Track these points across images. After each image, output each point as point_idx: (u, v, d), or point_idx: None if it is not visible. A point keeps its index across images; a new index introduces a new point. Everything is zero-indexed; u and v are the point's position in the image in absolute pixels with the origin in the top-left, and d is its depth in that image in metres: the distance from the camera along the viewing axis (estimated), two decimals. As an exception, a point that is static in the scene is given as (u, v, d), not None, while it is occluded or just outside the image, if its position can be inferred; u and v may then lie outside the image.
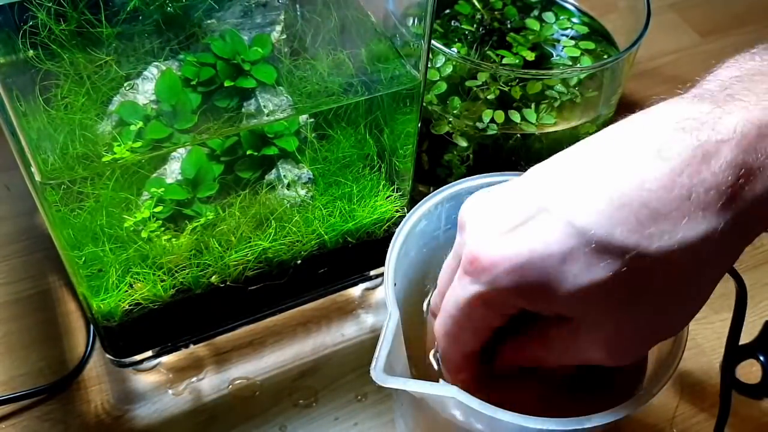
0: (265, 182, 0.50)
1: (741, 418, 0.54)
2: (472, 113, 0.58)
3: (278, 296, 0.55)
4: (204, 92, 0.48)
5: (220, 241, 0.49)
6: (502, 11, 0.66)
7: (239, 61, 0.48)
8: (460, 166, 0.60)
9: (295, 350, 0.57)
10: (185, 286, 0.50)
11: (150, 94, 0.47)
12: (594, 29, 0.67)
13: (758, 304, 0.61)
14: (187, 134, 0.47)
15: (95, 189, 0.44)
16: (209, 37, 0.48)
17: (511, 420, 0.34)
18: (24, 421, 0.52)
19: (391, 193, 0.55)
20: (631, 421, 0.54)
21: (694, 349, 0.58)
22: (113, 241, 0.46)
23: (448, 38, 0.64)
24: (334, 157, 0.52)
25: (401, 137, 0.53)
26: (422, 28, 0.46)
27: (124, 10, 0.44)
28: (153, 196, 0.47)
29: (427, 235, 0.46)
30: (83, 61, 0.45)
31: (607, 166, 0.31)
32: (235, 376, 0.55)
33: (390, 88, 0.51)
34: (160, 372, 0.55)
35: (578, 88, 0.60)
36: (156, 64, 0.48)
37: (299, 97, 0.50)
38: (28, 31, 0.41)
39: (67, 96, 0.46)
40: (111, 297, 0.48)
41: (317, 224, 0.52)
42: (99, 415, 0.53)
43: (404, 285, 0.44)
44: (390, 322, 0.37)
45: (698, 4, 0.89)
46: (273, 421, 0.53)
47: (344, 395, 0.54)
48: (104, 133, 0.47)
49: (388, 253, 0.42)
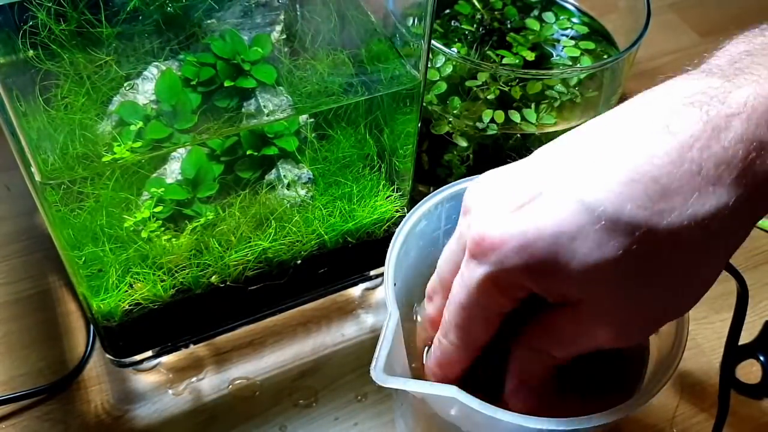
0: (265, 182, 0.50)
1: (741, 418, 0.54)
2: (472, 113, 0.58)
3: (278, 296, 0.55)
4: (204, 92, 0.48)
5: (220, 241, 0.49)
6: (502, 11, 0.66)
7: (239, 61, 0.48)
8: (460, 166, 0.60)
9: (295, 350, 0.57)
10: (185, 286, 0.50)
11: (150, 94, 0.47)
12: (594, 29, 0.67)
13: (758, 304, 0.61)
14: (187, 134, 0.47)
15: (95, 189, 0.44)
16: (209, 37, 0.48)
17: (511, 420, 0.34)
18: (24, 421, 0.52)
19: (391, 193, 0.55)
20: (631, 421, 0.54)
21: (694, 349, 0.58)
22: (113, 241, 0.46)
23: (448, 38, 0.64)
24: (334, 157, 0.52)
25: (401, 137, 0.53)
26: (422, 28, 0.46)
27: (124, 10, 0.44)
28: (153, 196, 0.47)
29: (427, 235, 0.46)
30: (83, 61, 0.45)
31: (615, 143, 0.31)
32: (235, 376, 0.55)
33: (390, 88, 0.51)
34: (160, 372, 0.55)
35: (578, 88, 0.60)
36: (156, 64, 0.48)
37: (299, 97, 0.50)
38: (28, 31, 0.41)
39: (67, 96, 0.46)
40: (111, 297, 0.48)
41: (317, 224, 0.52)
42: (99, 415, 0.53)
43: (404, 285, 0.44)
44: (390, 322, 0.37)
45: (697, 4, 0.89)
46: (273, 421, 0.53)
47: (344, 395, 0.54)
48: (104, 133, 0.47)
49: (388, 253, 0.42)
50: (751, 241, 0.65)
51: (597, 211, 0.30)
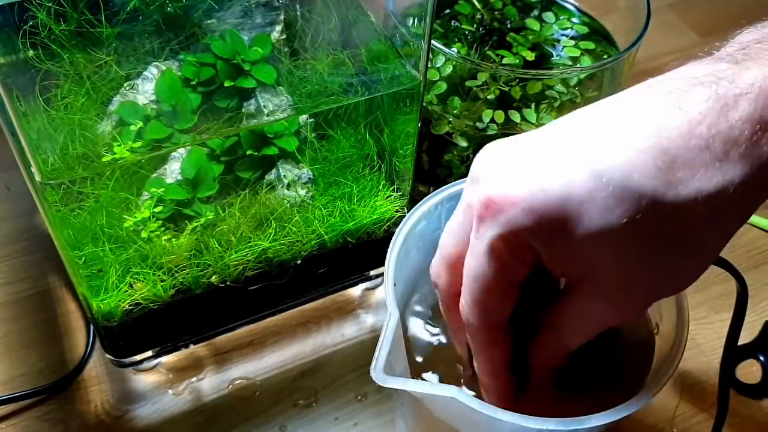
0: (265, 182, 0.50)
1: (741, 418, 0.54)
2: (472, 113, 0.58)
3: (278, 296, 0.55)
4: (204, 92, 0.48)
5: (220, 241, 0.49)
6: (502, 11, 0.66)
7: (239, 61, 0.48)
8: (460, 166, 0.60)
9: (295, 350, 0.57)
10: (185, 286, 0.50)
11: (150, 94, 0.47)
12: (594, 29, 0.67)
13: (758, 304, 0.61)
14: (187, 134, 0.47)
15: (95, 189, 0.44)
16: (209, 37, 0.48)
17: (511, 420, 0.34)
18: (24, 421, 0.52)
19: (391, 193, 0.55)
20: (631, 421, 0.54)
21: (694, 349, 0.58)
22: (113, 241, 0.46)
23: (448, 38, 0.64)
24: (334, 157, 0.52)
25: (401, 137, 0.53)
26: (422, 28, 0.46)
27: (124, 10, 0.44)
28: (153, 196, 0.47)
29: (427, 235, 0.46)
30: (83, 61, 0.45)
31: (626, 117, 0.32)
32: (235, 376, 0.55)
33: (390, 88, 0.51)
34: (160, 372, 0.55)
35: (578, 88, 0.60)
36: (156, 64, 0.48)
37: (299, 97, 0.50)
38: (28, 31, 0.41)
39: (67, 96, 0.46)
40: (111, 297, 0.48)
41: (317, 224, 0.52)
42: (99, 415, 0.53)
43: (404, 285, 0.44)
44: (390, 322, 0.37)
45: (697, 4, 0.89)
46: (273, 421, 0.53)
47: (344, 395, 0.54)
48: (104, 133, 0.47)
49: (388, 253, 0.42)
50: (751, 241, 0.65)
51: (605, 178, 0.30)
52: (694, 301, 0.58)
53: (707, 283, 0.62)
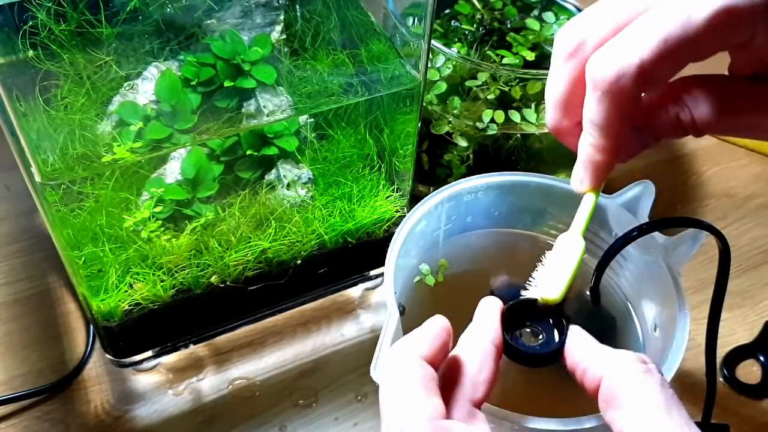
0: (265, 182, 0.50)
1: (741, 418, 0.54)
2: (472, 113, 0.58)
3: (278, 296, 0.55)
4: (204, 92, 0.48)
5: (220, 241, 0.49)
6: (502, 11, 0.66)
7: (239, 61, 0.48)
8: (460, 166, 0.60)
9: (295, 350, 0.57)
10: (185, 286, 0.50)
11: (150, 94, 0.47)
12: (594, 29, 0.67)
13: (758, 304, 0.61)
14: (187, 134, 0.47)
15: (95, 189, 0.45)
16: (209, 37, 0.48)
17: (511, 419, 0.34)
18: (24, 421, 0.52)
19: (391, 193, 0.55)
20: (631, 421, 0.54)
21: (694, 349, 0.58)
22: (113, 241, 0.46)
23: (448, 38, 0.64)
24: (334, 157, 0.52)
25: (401, 137, 0.53)
26: (422, 28, 0.46)
27: (124, 10, 0.44)
28: (153, 196, 0.47)
29: (427, 235, 0.46)
30: (83, 61, 0.45)
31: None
32: (235, 376, 0.55)
33: (390, 88, 0.51)
34: (160, 372, 0.55)
35: (578, 88, 0.60)
36: (156, 64, 0.48)
37: (299, 97, 0.50)
38: (28, 31, 0.41)
39: (67, 96, 0.46)
40: (111, 297, 0.48)
41: (317, 224, 0.52)
42: (99, 415, 0.53)
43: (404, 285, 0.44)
44: (390, 322, 0.37)
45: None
46: (273, 421, 0.53)
47: (344, 395, 0.54)
48: (104, 134, 0.47)
49: (388, 253, 0.42)
50: (751, 241, 0.65)
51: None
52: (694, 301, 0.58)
53: (707, 283, 0.62)
